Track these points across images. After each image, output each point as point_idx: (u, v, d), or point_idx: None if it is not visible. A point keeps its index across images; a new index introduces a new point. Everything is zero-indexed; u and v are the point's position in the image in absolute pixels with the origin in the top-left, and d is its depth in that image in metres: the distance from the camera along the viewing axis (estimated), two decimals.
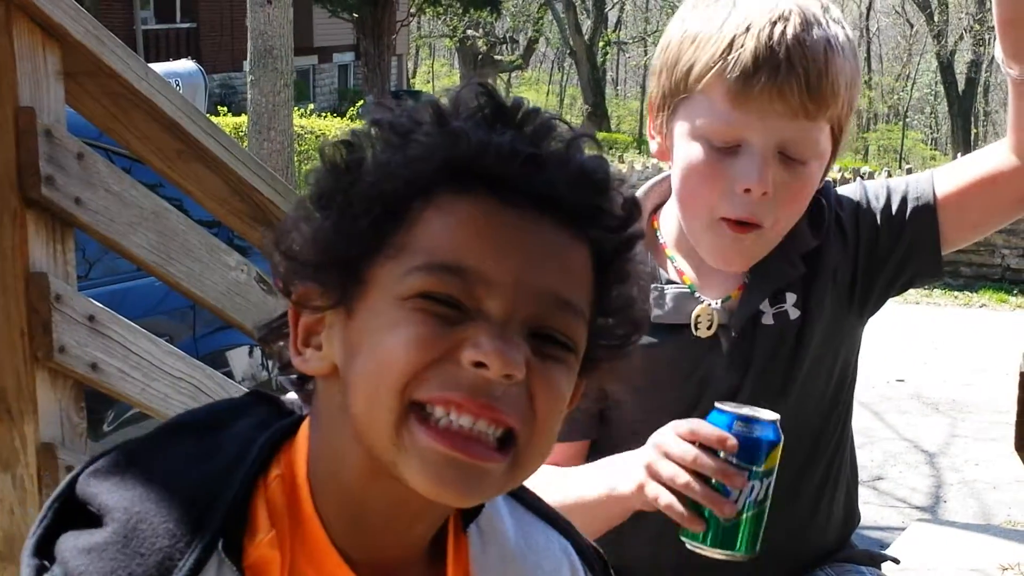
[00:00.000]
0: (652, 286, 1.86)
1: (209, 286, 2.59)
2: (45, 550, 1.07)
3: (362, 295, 1.08)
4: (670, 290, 1.91)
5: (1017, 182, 1.86)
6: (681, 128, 1.83)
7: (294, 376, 1.19)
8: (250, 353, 5.14)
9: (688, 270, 1.94)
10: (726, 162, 1.77)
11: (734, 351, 1.90)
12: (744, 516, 1.58)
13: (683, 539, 1.62)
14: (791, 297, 1.91)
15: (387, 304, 1.06)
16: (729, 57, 1.74)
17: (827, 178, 1.93)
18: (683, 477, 1.59)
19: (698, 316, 1.90)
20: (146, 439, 1.16)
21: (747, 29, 1.74)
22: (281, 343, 1.18)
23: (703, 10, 1.82)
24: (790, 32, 1.74)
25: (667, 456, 1.61)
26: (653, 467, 1.63)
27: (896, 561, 2.17)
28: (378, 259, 1.07)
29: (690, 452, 1.59)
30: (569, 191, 1.08)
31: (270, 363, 5.18)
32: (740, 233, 1.80)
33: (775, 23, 1.74)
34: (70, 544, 1.06)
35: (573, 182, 1.08)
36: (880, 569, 2.09)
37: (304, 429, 1.16)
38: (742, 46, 1.74)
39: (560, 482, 1.80)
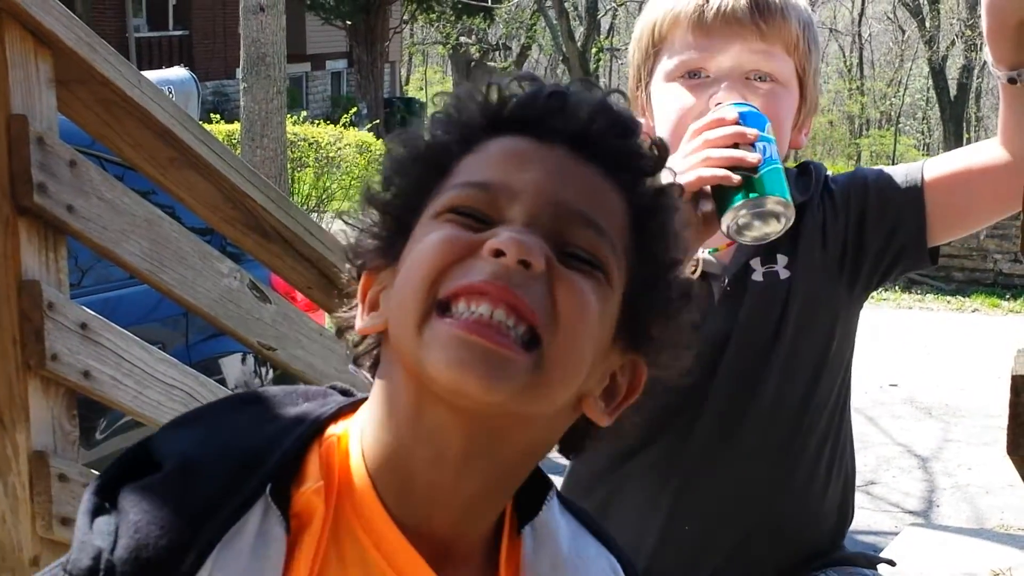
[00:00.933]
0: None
1: (202, 293, 2.59)
2: (108, 494, 1.10)
3: (410, 240, 1.14)
4: None
5: (1004, 177, 1.92)
6: (656, 84, 1.97)
7: (367, 368, 1.22)
8: (243, 360, 5.14)
9: None
10: (699, 91, 1.91)
11: (724, 301, 1.97)
12: (766, 168, 1.74)
13: (731, 210, 1.74)
14: (782, 259, 1.98)
15: (423, 226, 1.13)
16: (685, 2, 1.93)
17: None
18: (703, 153, 1.75)
19: None
20: (222, 401, 1.22)
21: None
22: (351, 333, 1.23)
23: None
24: None
25: (690, 139, 1.78)
26: (684, 154, 1.78)
27: (892, 563, 2.19)
28: (423, 209, 1.15)
29: (700, 137, 1.77)
30: (592, 126, 1.14)
31: (263, 370, 5.18)
32: None
33: None
34: (128, 489, 1.09)
35: (596, 118, 1.15)
36: (877, 571, 2.11)
37: (365, 403, 1.19)
38: None
39: None
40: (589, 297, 1.10)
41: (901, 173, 2.01)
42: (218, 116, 16.88)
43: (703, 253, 1.97)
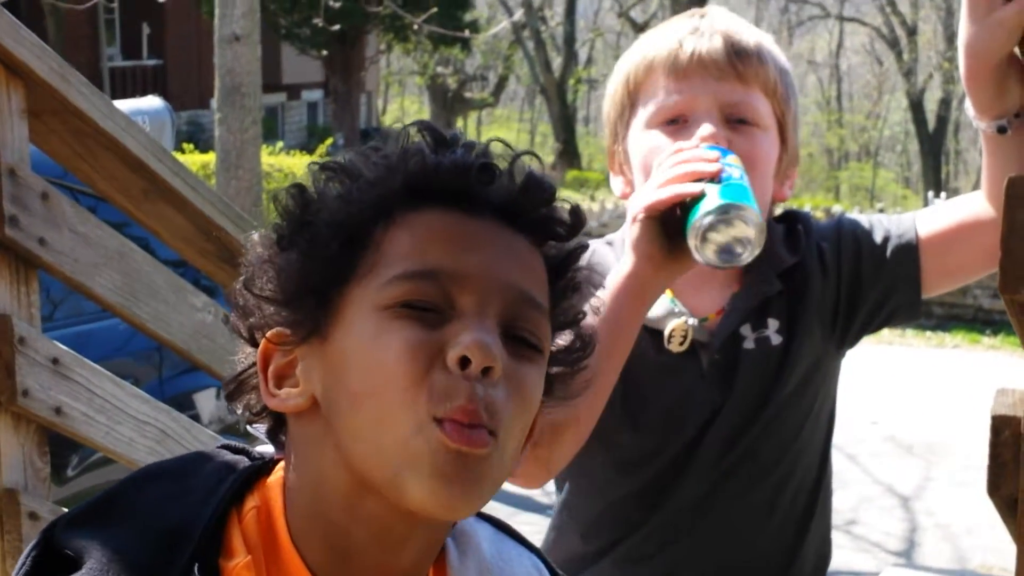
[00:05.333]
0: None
1: (175, 327, 2.55)
2: None
3: (336, 318, 1.11)
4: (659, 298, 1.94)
5: (993, 233, 1.86)
6: (633, 134, 1.93)
7: (263, 426, 1.20)
8: (217, 395, 5.09)
9: (669, 289, 1.97)
10: (679, 136, 1.86)
11: (714, 372, 1.93)
12: (728, 180, 1.71)
13: (695, 220, 1.69)
14: (773, 323, 1.94)
15: (366, 317, 1.09)
16: (655, 48, 1.91)
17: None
18: (663, 175, 1.74)
19: (673, 330, 1.94)
20: (118, 486, 1.17)
21: (668, 29, 1.93)
22: (250, 396, 1.20)
23: (631, 48, 1.99)
24: (709, 17, 1.93)
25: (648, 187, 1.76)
26: (639, 201, 1.76)
27: None
28: (348, 284, 1.12)
29: (664, 164, 1.76)
30: (521, 199, 1.16)
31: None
32: None
33: (692, 16, 1.94)
34: None
35: (524, 191, 1.16)
36: None
37: (279, 469, 1.17)
38: (665, 37, 1.91)
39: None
40: (537, 388, 1.14)
41: (894, 232, 1.96)
42: (192, 146, 16.83)
43: (691, 322, 1.94)
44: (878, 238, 1.96)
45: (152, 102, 7.55)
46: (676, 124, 1.87)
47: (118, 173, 2.50)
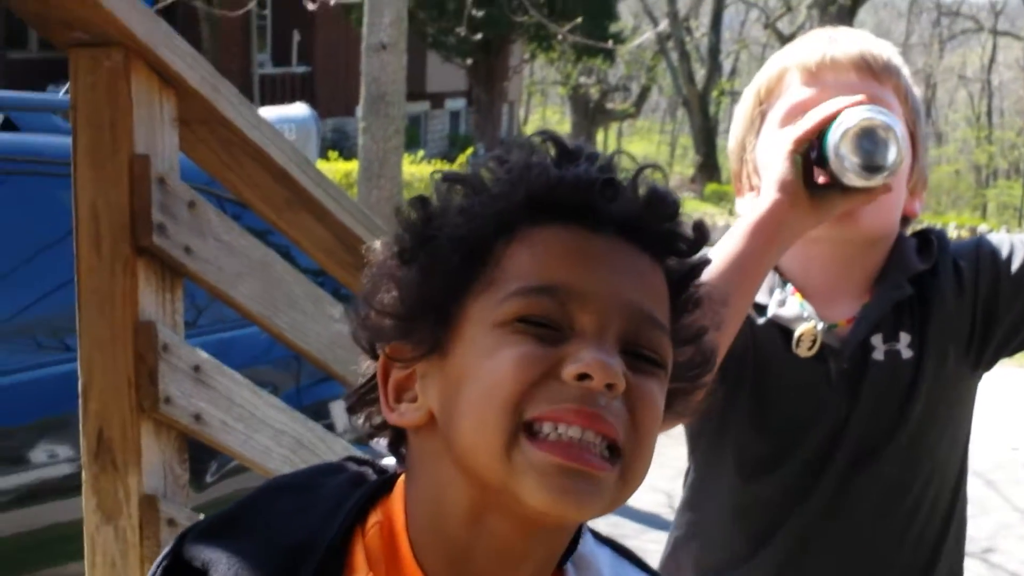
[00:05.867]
0: (776, 288, 1.95)
1: (313, 337, 2.58)
2: None
3: (455, 335, 1.11)
4: (790, 298, 1.94)
5: None
6: (764, 139, 1.92)
7: (386, 439, 1.21)
8: None
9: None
10: None
11: (842, 380, 1.90)
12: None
13: (837, 124, 1.69)
14: (905, 337, 1.90)
15: (484, 333, 1.09)
16: (788, 59, 1.92)
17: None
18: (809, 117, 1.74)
19: (802, 335, 1.91)
20: (245, 500, 1.19)
21: (800, 45, 1.96)
22: (371, 408, 1.20)
23: (761, 71, 2.01)
24: (842, 32, 1.96)
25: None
26: (788, 136, 1.76)
27: None
28: (468, 298, 1.11)
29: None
30: (645, 215, 1.14)
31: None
32: None
33: (823, 34, 1.96)
34: None
35: (647, 206, 1.14)
36: None
37: (401, 483, 1.18)
38: (799, 48, 1.94)
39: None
40: (660, 403, 1.13)
41: None
42: (336, 153, 17.08)
43: (820, 326, 1.91)
44: (1018, 259, 1.91)
45: (299, 110, 7.69)
46: None
47: (262, 183, 2.54)
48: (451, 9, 25.08)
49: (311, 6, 10.00)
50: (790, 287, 1.94)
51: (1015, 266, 1.90)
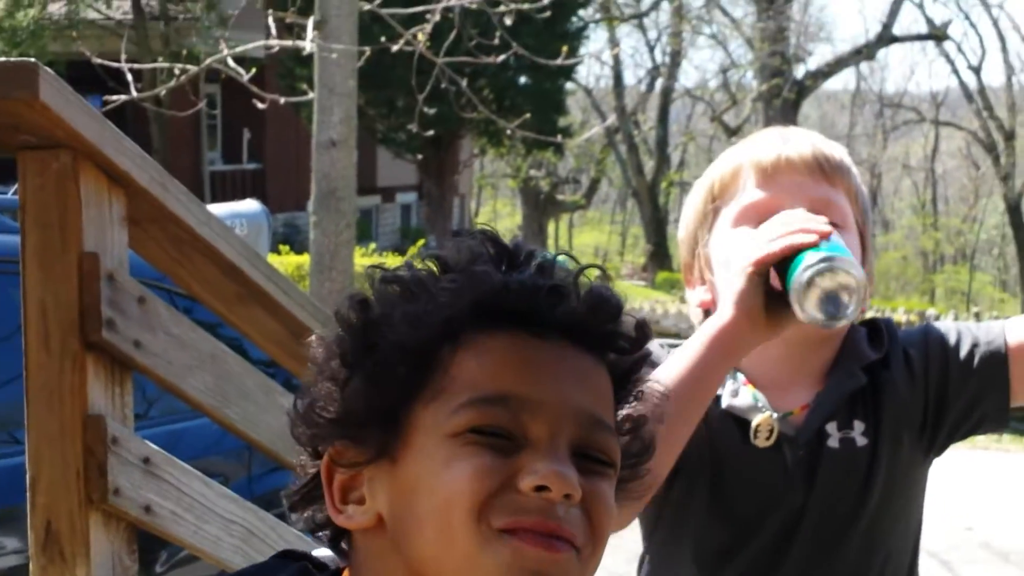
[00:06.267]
0: (728, 379, 1.95)
1: (264, 428, 2.60)
2: None
3: (405, 442, 1.13)
4: (743, 388, 1.96)
5: None
6: (718, 235, 1.95)
7: (327, 534, 1.22)
8: None
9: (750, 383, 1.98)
10: None
11: (798, 469, 1.92)
12: (832, 238, 1.73)
13: (801, 264, 1.70)
14: (859, 425, 1.93)
15: (437, 444, 1.10)
16: (743, 156, 1.95)
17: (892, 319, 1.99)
18: (774, 231, 1.76)
19: (759, 425, 1.93)
20: None
21: (753, 143, 1.99)
22: (314, 506, 1.21)
23: (713, 165, 2.03)
24: (792, 132, 2.00)
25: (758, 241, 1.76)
26: (748, 255, 1.76)
27: None
28: (416, 405, 1.12)
29: (774, 222, 1.78)
30: (589, 318, 1.16)
31: None
32: None
33: (774, 134, 2.00)
34: None
35: (591, 309, 1.17)
36: None
37: None
38: (753, 147, 1.96)
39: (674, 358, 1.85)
40: (612, 501, 1.16)
41: (982, 339, 1.95)
42: (288, 247, 17.09)
43: (775, 417, 1.93)
44: (966, 346, 1.95)
45: (250, 206, 7.73)
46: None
47: (213, 278, 2.57)
48: (401, 106, 25.23)
49: (261, 105, 10.07)
50: (741, 377, 1.96)
51: (963, 353, 1.94)
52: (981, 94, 42.85)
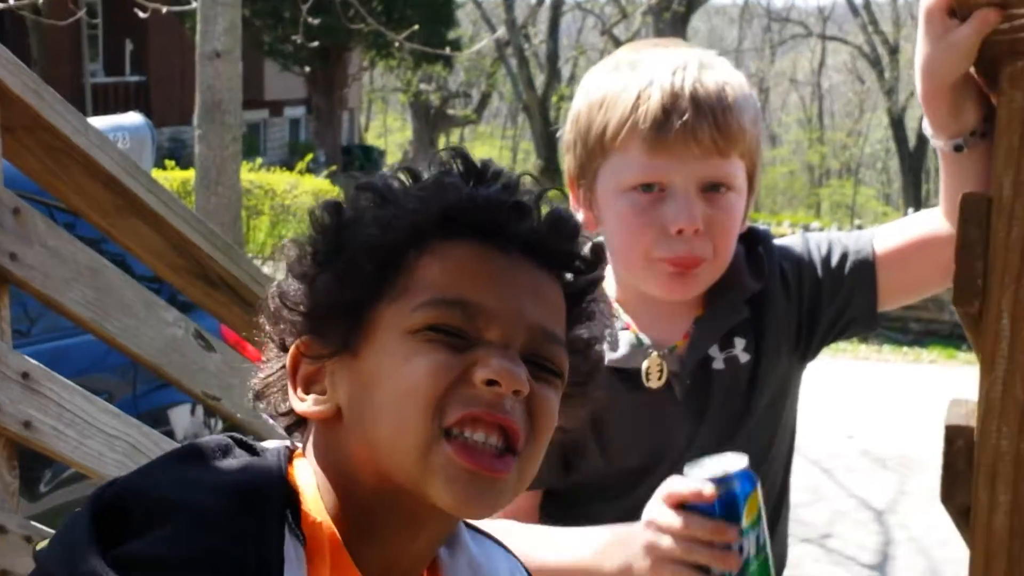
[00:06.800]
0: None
1: (146, 342, 2.57)
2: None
3: (367, 336, 1.19)
4: (623, 335, 1.96)
5: (949, 249, 1.88)
6: (605, 189, 1.91)
7: (286, 422, 1.29)
8: (192, 411, 5.09)
9: (633, 324, 1.98)
10: (654, 208, 1.85)
11: (688, 399, 1.95)
12: (751, 568, 1.57)
13: None
14: (740, 342, 1.97)
15: (396, 340, 1.17)
16: (639, 111, 1.85)
17: (769, 229, 2.02)
18: (684, 546, 1.59)
19: (648, 367, 1.95)
20: (160, 463, 1.17)
21: (650, 82, 1.86)
22: (276, 395, 1.28)
23: (606, 76, 1.93)
24: (690, 78, 1.86)
25: (661, 530, 1.62)
26: (656, 547, 1.62)
27: None
28: (380, 303, 1.20)
29: (680, 521, 1.59)
30: (548, 236, 1.24)
31: (212, 421, 5.13)
32: (684, 269, 1.87)
33: (675, 72, 1.86)
34: (139, 546, 1.05)
35: (551, 228, 1.25)
36: None
37: (303, 464, 1.23)
38: (649, 98, 1.85)
39: (542, 542, 1.82)
40: (555, 409, 1.23)
41: (852, 248, 2.01)
42: (173, 162, 16.80)
43: (662, 354, 1.94)
44: (836, 255, 2.01)
45: (133, 118, 7.56)
46: (652, 191, 1.85)
47: (91, 190, 2.52)
48: (287, 17, 24.87)
49: (143, 15, 9.84)
50: (619, 323, 1.97)
51: (834, 261, 2.00)
52: (866, 8, 43.35)
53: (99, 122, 6.31)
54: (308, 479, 1.21)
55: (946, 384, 12.11)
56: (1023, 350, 1.35)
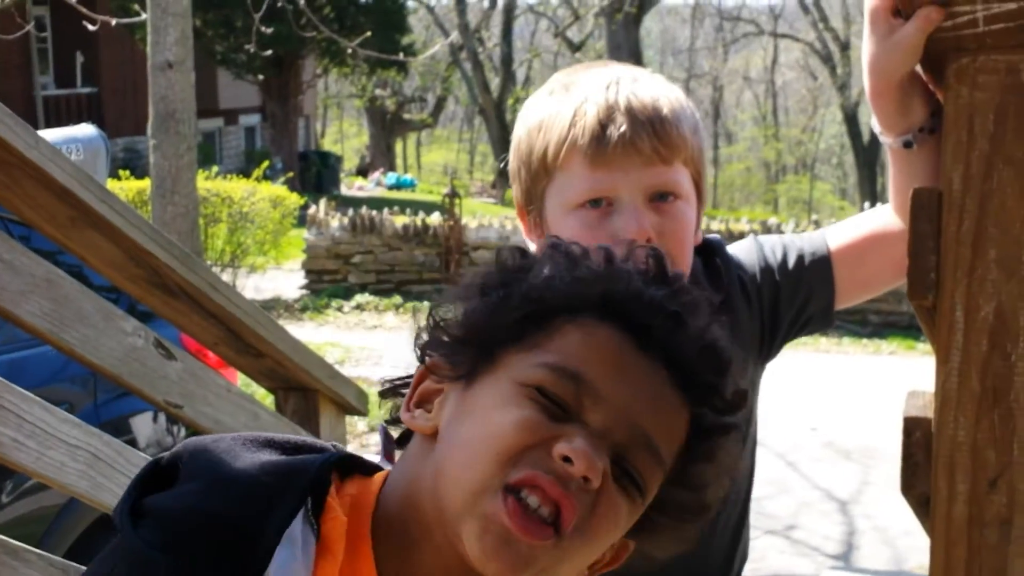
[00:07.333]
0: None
1: (105, 352, 2.55)
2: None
3: (488, 373, 1.22)
4: None
5: (901, 246, 1.90)
6: (553, 211, 1.91)
7: (398, 433, 1.35)
8: (154, 419, 5.06)
9: None
10: (603, 223, 1.85)
11: None
12: None
13: None
14: None
15: (506, 384, 1.19)
16: (576, 127, 1.86)
17: (722, 239, 2.06)
18: None
19: None
20: (229, 436, 1.25)
21: (585, 99, 1.87)
22: (396, 401, 1.33)
23: (542, 101, 1.95)
24: (624, 91, 1.87)
25: None
26: None
27: None
28: (511, 348, 1.22)
29: None
30: (694, 357, 1.21)
31: (175, 428, 5.11)
32: None
33: (608, 87, 1.88)
34: (160, 498, 1.16)
35: (700, 351, 1.21)
36: None
37: (383, 474, 1.27)
38: (585, 114, 1.86)
39: None
40: (622, 520, 1.20)
41: (808, 249, 2.03)
42: (128, 172, 16.68)
43: None
44: (792, 258, 2.04)
45: (86, 130, 7.50)
46: (599, 207, 1.86)
47: (44, 201, 2.50)
48: (239, 26, 24.79)
49: (92, 27, 9.79)
50: None
51: (791, 265, 2.03)
52: (816, 6, 43.64)
53: (52, 134, 6.27)
54: (364, 489, 1.24)
55: (906, 375, 12.22)
56: (977, 342, 1.36)
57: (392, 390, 1.35)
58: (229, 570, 1.11)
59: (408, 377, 1.32)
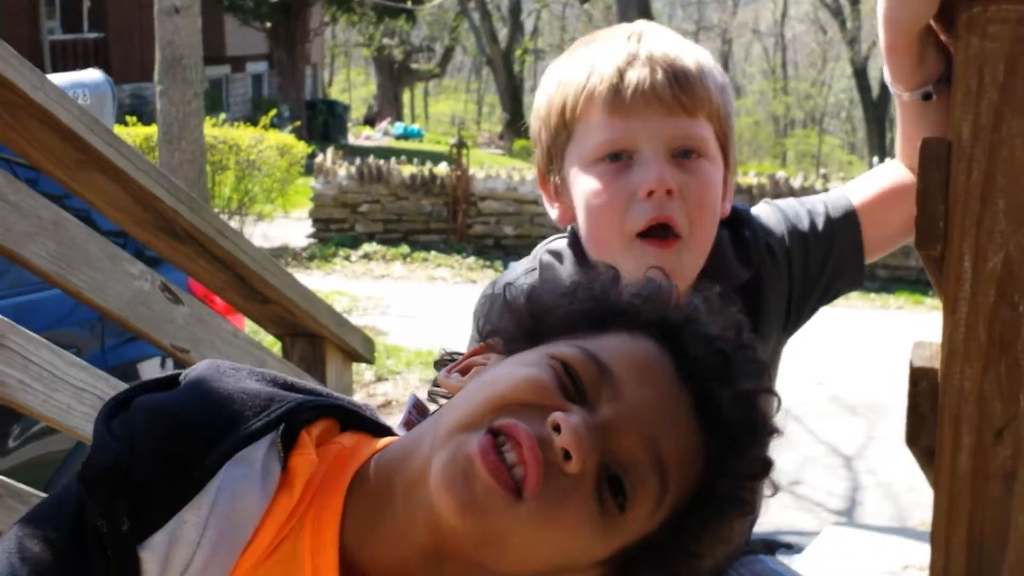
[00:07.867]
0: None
1: (112, 296, 2.56)
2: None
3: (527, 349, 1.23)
4: None
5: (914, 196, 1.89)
6: (572, 167, 1.84)
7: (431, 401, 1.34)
8: (162, 364, 5.07)
9: None
10: (623, 176, 1.78)
11: None
12: None
13: None
14: None
15: (537, 354, 1.20)
16: (594, 76, 1.79)
17: (741, 182, 1.98)
18: None
19: None
20: (246, 366, 1.26)
21: (605, 52, 1.81)
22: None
23: (561, 62, 1.89)
24: (646, 40, 1.81)
25: None
26: None
27: (790, 547, 2.21)
28: (560, 336, 1.22)
29: None
30: (730, 408, 1.18)
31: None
32: (662, 248, 1.78)
33: (629, 38, 1.82)
34: (140, 396, 1.19)
35: (735, 398, 1.18)
36: (775, 556, 2.12)
37: (391, 439, 1.27)
38: (604, 63, 1.79)
39: None
40: (585, 526, 1.13)
41: (832, 211, 1.96)
42: (135, 118, 16.64)
43: None
44: (820, 223, 1.96)
45: (92, 75, 7.48)
46: (620, 161, 1.78)
47: (50, 144, 2.50)
48: None
49: None
50: None
51: (819, 228, 1.95)
52: None
53: (58, 79, 6.25)
54: (361, 444, 1.24)
55: (914, 329, 12.19)
56: (984, 292, 1.36)
57: (447, 361, 1.35)
58: (176, 468, 1.12)
59: (459, 353, 1.35)
